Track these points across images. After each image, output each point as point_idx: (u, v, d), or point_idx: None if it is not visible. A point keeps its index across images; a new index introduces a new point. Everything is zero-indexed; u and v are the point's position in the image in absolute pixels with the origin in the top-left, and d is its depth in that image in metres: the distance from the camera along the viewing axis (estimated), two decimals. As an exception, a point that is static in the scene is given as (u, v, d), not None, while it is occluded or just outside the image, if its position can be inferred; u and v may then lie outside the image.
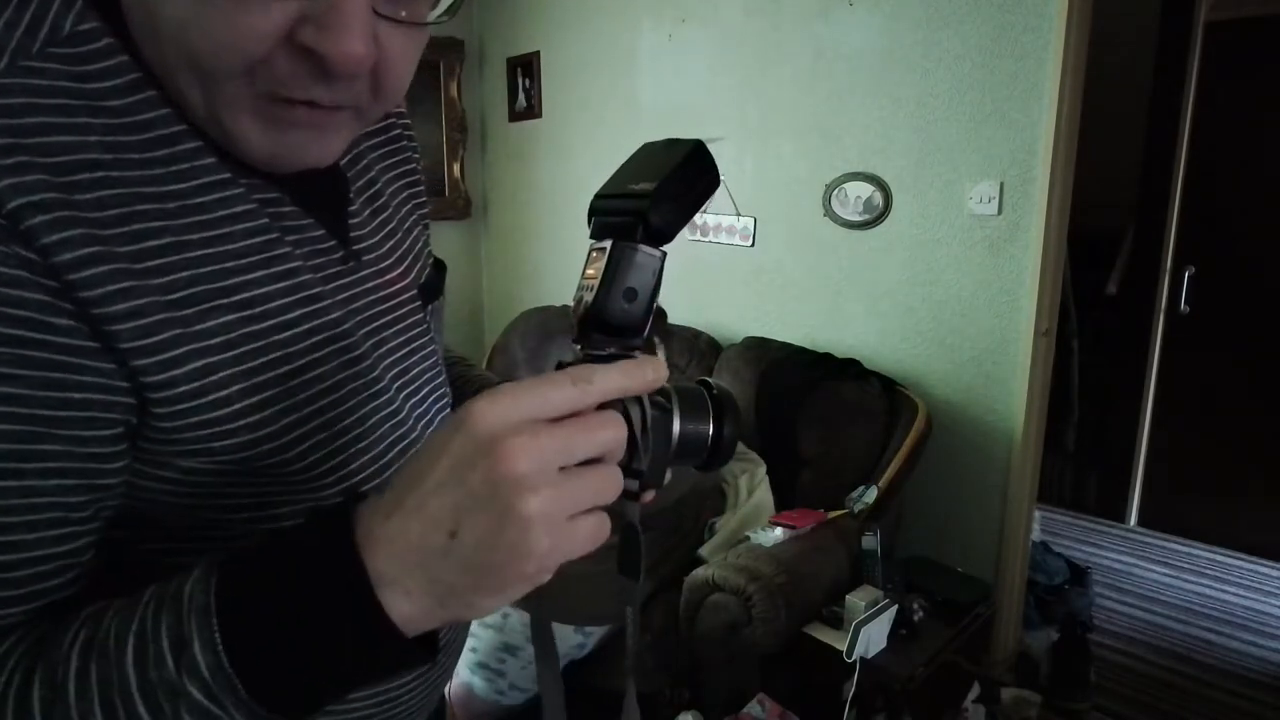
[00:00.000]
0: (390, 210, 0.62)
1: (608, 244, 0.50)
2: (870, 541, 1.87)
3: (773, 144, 2.53)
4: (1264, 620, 2.67)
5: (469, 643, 1.80)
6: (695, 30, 2.67)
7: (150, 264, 0.43)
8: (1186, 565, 3.05)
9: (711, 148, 0.56)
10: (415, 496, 0.36)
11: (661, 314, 2.20)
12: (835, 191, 2.40)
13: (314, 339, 0.50)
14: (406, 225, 0.63)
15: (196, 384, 0.44)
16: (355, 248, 0.55)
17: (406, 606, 0.36)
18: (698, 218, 2.74)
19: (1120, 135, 3.13)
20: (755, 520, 2.01)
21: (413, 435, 0.58)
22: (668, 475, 0.50)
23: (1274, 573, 2.97)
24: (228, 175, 0.47)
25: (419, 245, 0.65)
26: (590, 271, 0.51)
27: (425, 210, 0.69)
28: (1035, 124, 2.02)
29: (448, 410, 0.63)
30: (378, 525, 0.36)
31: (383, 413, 0.55)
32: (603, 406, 0.40)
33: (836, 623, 1.77)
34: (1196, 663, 2.44)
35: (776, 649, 1.70)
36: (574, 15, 3.02)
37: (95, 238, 0.40)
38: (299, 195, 0.51)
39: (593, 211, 0.52)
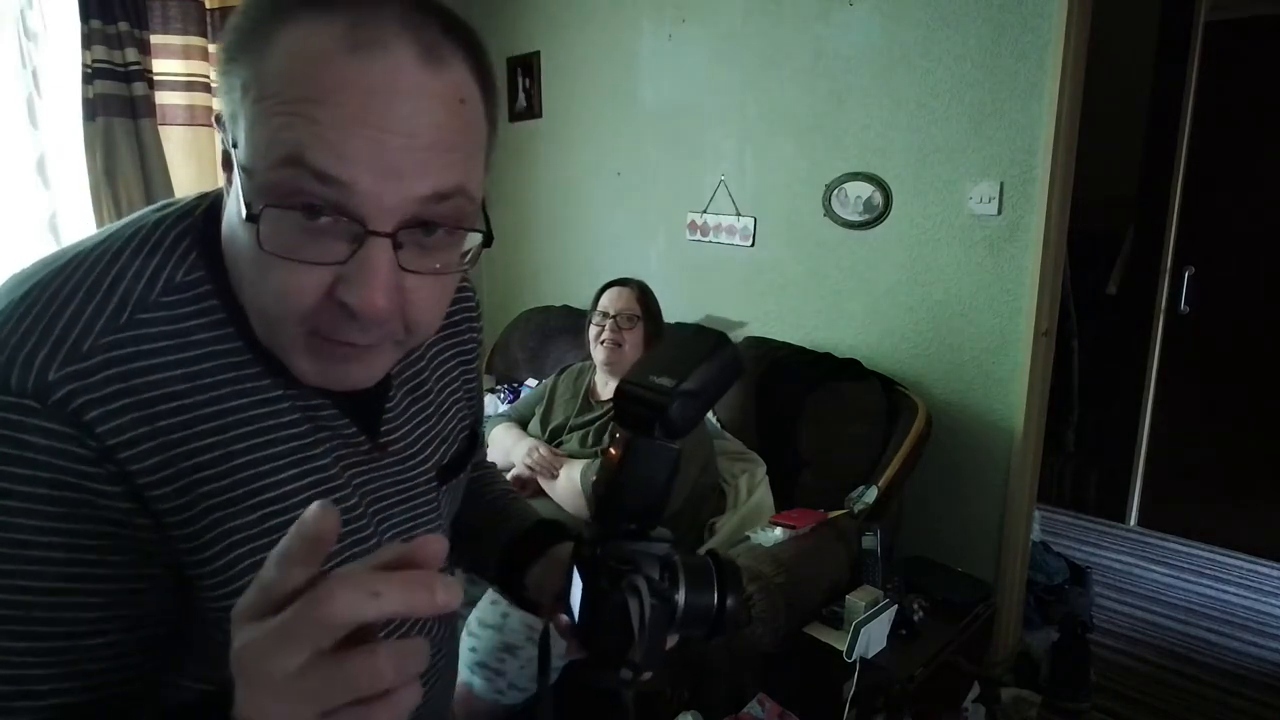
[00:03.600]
0: (431, 396, 0.71)
1: (627, 432, 0.54)
2: (870, 541, 1.87)
3: (773, 144, 2.53)
4: (1264, 620, 2.67)
5: (469, 642, 1.80)
6: (695, 30, 2.67)
7: (202, 474, 0.54)
8: (1186, 565, 3.05)
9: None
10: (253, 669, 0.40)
11: (661, 337, 2.20)
12: (835, 191, 2.40)
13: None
14: (445, 406, 0.73)
15: (229, 573, 0.55)
16: (383, 440, 0.65)
17: None
18: (698, 218, 2.74)
19: (1120, 135, 3.13)
20: (755, 520, 2.01)
21: None
22: (670, 642, 0.54)
23: (1274, 573, 2.97)
24: (279, 393, 0.58)
25: (454, 424, 0.74)
26: (612, 451, 0.55)
27: (473, 378, 0.79)
28: (1035, 124, 2.02)
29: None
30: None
31: None
32: (611, 594, 0.50)
33: (836, 623, 1.77)
34: (1196, 663, 2.43)
35: (776, 649, 1.70)
36: (574, 15, 3.01)
37: (167, 462, 0.53)
38: (339, 398, 0.61)
39: (618, 396, 0.56)
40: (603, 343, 2.11)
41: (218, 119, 0.53)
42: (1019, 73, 2.03)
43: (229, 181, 0.53)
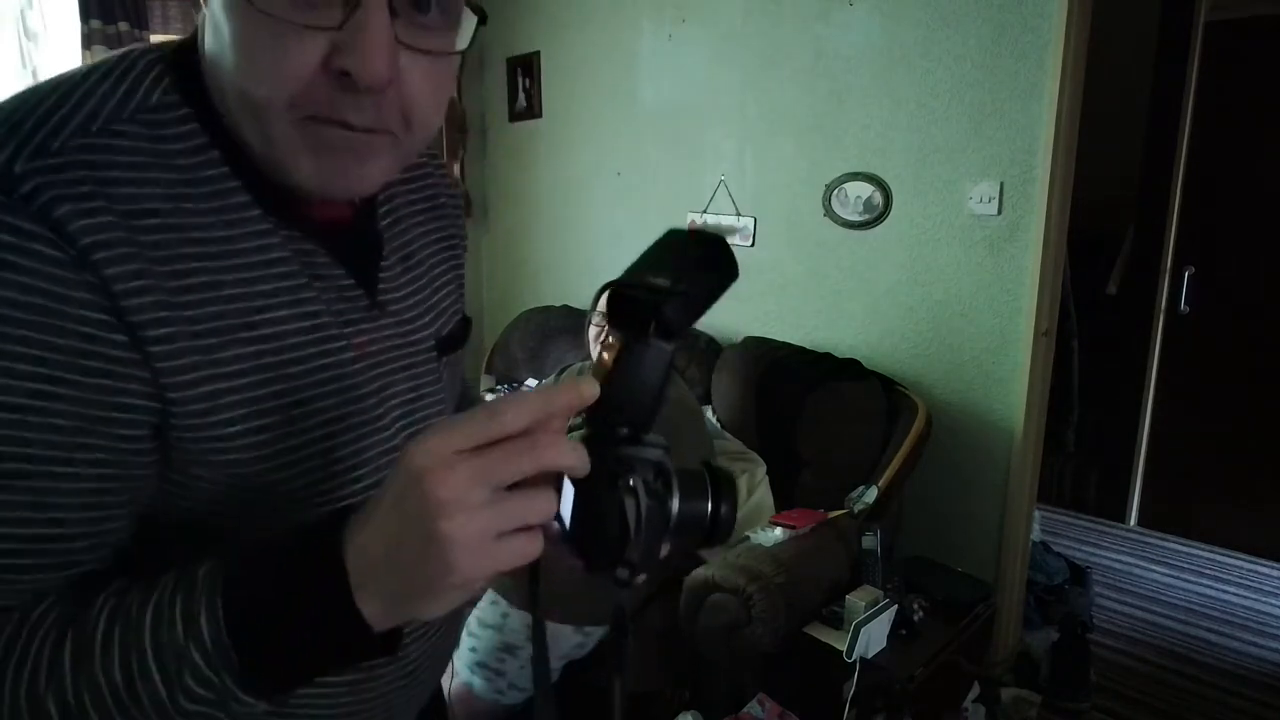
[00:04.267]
0: (423, 269, 0.69)
1: (621, 334, 0.53)
2: (870, 541, 1.87)
3: (773, 144, 2.53)
4: (1264, 620, 2.67)
5: (469, 642, 1.80)
6: (695, 30, 2.67)
7: (185, 298, 0.51)
8: (1186, 565, 3.05)
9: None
10: (374, 519, 0.43)
11: (690, 311, 2.19)
12: (835, 191, 2.40)
13: (322, 375, 0.57)
14: (437, 283, 0.71)
15: (206, 404, 0.51)
16: (381, 298, 0.63)
17: (370, 606, 0.43)
18: (698, 218, 2.74)
19: (1120, 135, 3.13)
20: (755, 520, 2.01)
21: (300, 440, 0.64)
22: (663, 550, 0.53)
23: (1274, 573, 2.97)
24: (269, 225, 0.55)
25: (446, 301, 0.72)
26: (605, 357, 0.54)
27: (460, 269, 0.77)
28: (1035, 124, 2.02)
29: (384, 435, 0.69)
30: (351, 537, 0.44)
31: (381, 447, 0.62)
32: (606, 494, 0.48)
33: (836, 623, 1.77)
34: (1196, 663, 2.44)
35: (776, 649, 1.70)
36: (574, 15, 3.01)
37: (147, 272, 0.49)
38: (334, 248, 0.59)
39: (611, 297, 0.54)
40: (602, 343, 2.11)
41: None
42: (1019, 73, 2.03)
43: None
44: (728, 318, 2.70)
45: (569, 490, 0.49)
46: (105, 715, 0.45)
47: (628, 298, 0.53)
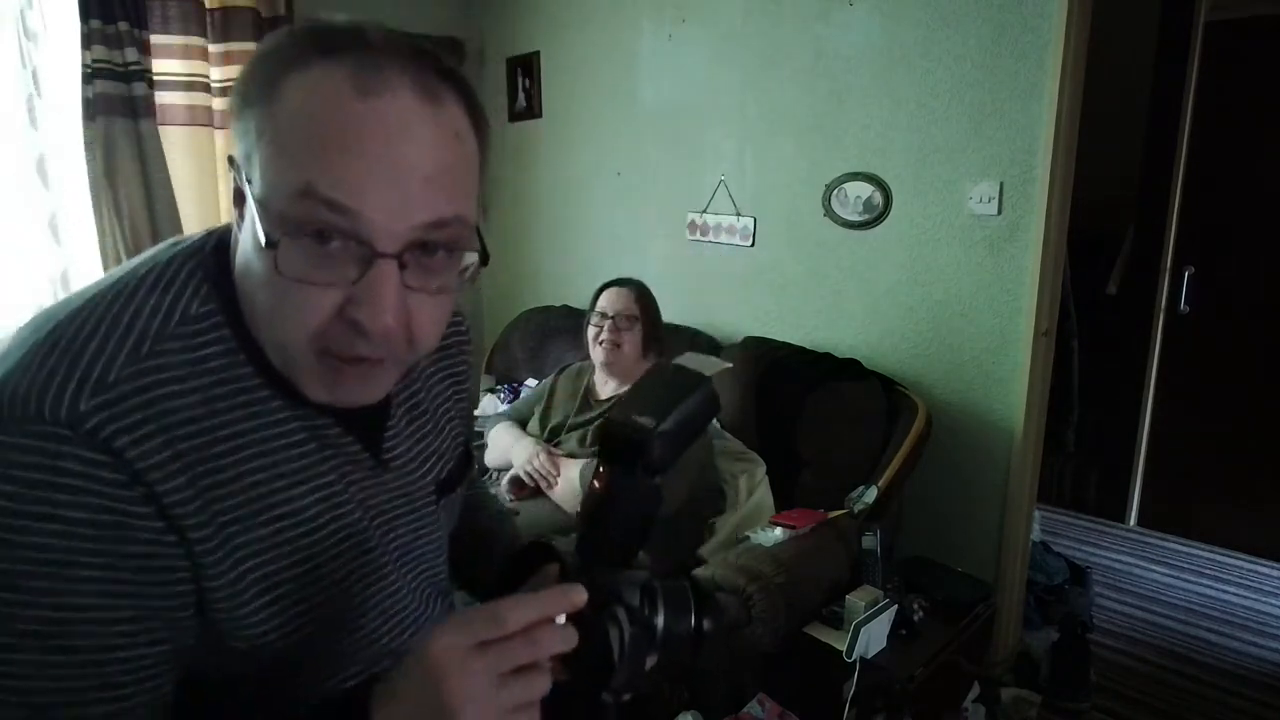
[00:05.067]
0: (428, 415, 0.76)
1: (609, 469, 0.59)
2: (870, 541, 1.87)
3: (773, 144, 2.53)
4: (1264, 620, 2.67)
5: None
6: (695, 30, 2.67)
7: (216, 493, 0.58)
8: (1186, 565, 3.05)
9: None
10: (397, 700, 0.52)
11: (661, 334, 2.20)
12: (835, 191, 2.40)
13: (332, 540, 0.65)
14: (441, 425, 0.78)
15: (229, 590, 0.59)
16: (385, 456, 0.70)
17: None
18: (698, 218, 2.74)
19: (1120, 135, 3.13)
20: (755, 520, 2.01)
21: (409, 608, 0.73)
22: (649, 664, 0.58)
23: (1274, 573, 2.97)
24: (287, 414, 0.62)
25: (448, 443, 0.79)
26: (596, 484, 0.60)
27: (465, 400, 0.84)
28: (1035, 124, 2.02)
29: (441, 583, 0.79)
30: (377, 710, 0.53)
31: (383, 592, 0.69)
32: (593, 624, 0.54)
33: (836, 623, 1.77)
34: (1196, 663, 2.43)
35: (776, 649, 1.70)
36: (574, 15, 3.01)
37: (189, 484, 0.56)
38: (343, 417, 0.65)
39: (601, 433, 0.60)
40: (601, 343, 2.11)
41: (231, 160, 0.58)
42: (1019, 73, 2.03)
43: (241, 217, 0.58)
44: (728, 318, 2.70)
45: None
46: None
47: (616, 435, 0.58)
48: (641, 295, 2.15)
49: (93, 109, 2.29)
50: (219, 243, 0.63)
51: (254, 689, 0.65)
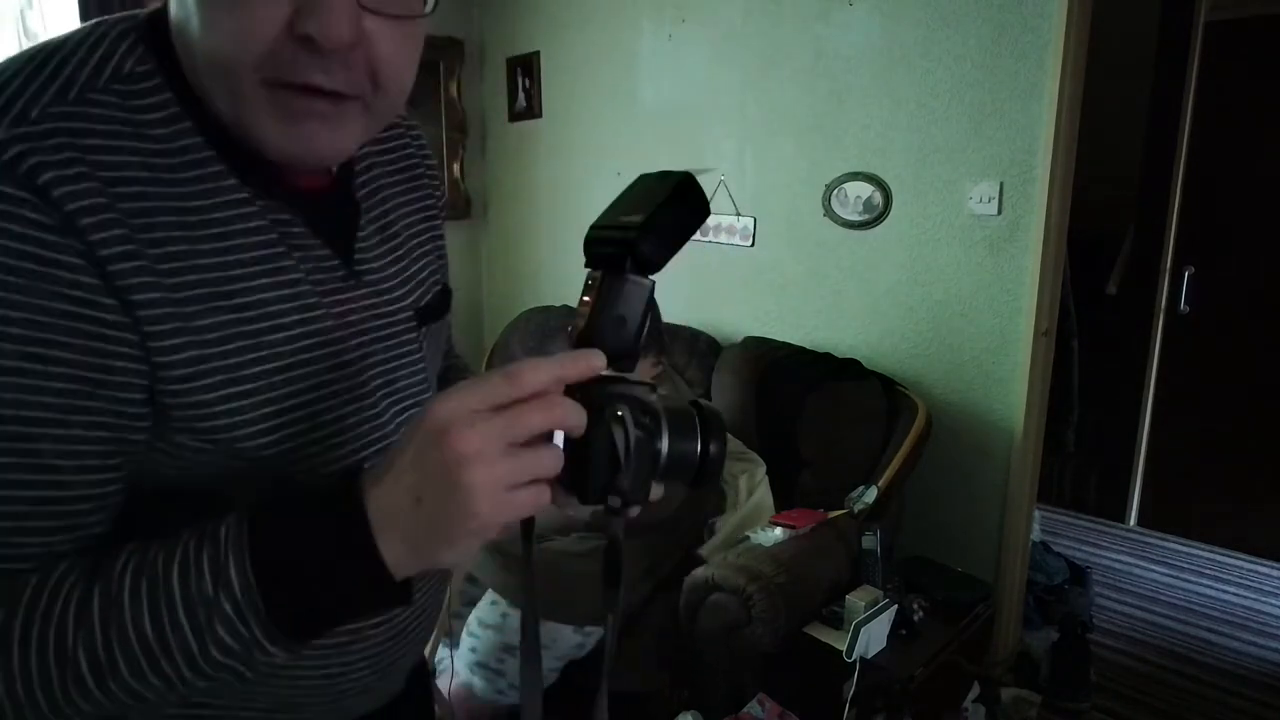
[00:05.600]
0: (401, 238, 0.69)
1: (597, 275, 0.56)
2: (870, 541, 1.87)
3: (773, 144, 2.53)
4: (1264, 620, 2.67)
5: (468, 642, 1.80)
6: (695, 30, 2.67)
7: (165, 266, 0.51)
8: (1186, 565, 3.05)
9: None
10: (393, 472, 0.46)
11: (662, 332, 2.20)
12: (835, 191, 2.40)
13: (304, 343, 0.57)
14: (415, 253, 0.71)
15: (188, 369, 0.52)
16: (358, 269, 0.63)
17: (392, 553, 0.46)
18: (698, 218, 2.74)
19: (1120, 136, 3.13)
20: (755, 520, 2.01)
21: (391, 438, 0.65)
22: (656, 491, 0.53)
23: (1274, 573, 2.97)
24: (246, 195, 0.55)
25: (425, 272, 0.72)
26: (586, 299, 0.57)
27: (440, 238, 0.77)
28: (1035, 124, 2.02)
29: (367, 409, 0.70)
30: (370, 489, 0.46)
31: (362, 415, 0.62)
32: (595, 425, 0.48)
33: (836, 623, 1.77)
34: (1196, 663, 2.43)
35: (776, 649, 1.70)
36: (574, 15, 3.01)
37: (130, 239, 0.49)
38: (311, 219, 0.59)
39: (587, 242, 0.57)
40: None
41: None
42: (1019, 73, 2.03)
43: None
44: (728, 317, 2.70)
45: (559, 433, 0.49)
46: (135, 667, 0.47)
47: (603, 239, 0.56)
48: None
49: (93, 109, 2.29)
50: (152, 15, 0.56)
51: (220, 503, 0.55)
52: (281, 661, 0.49)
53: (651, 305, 0.56)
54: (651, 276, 0.55)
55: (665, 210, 0.55)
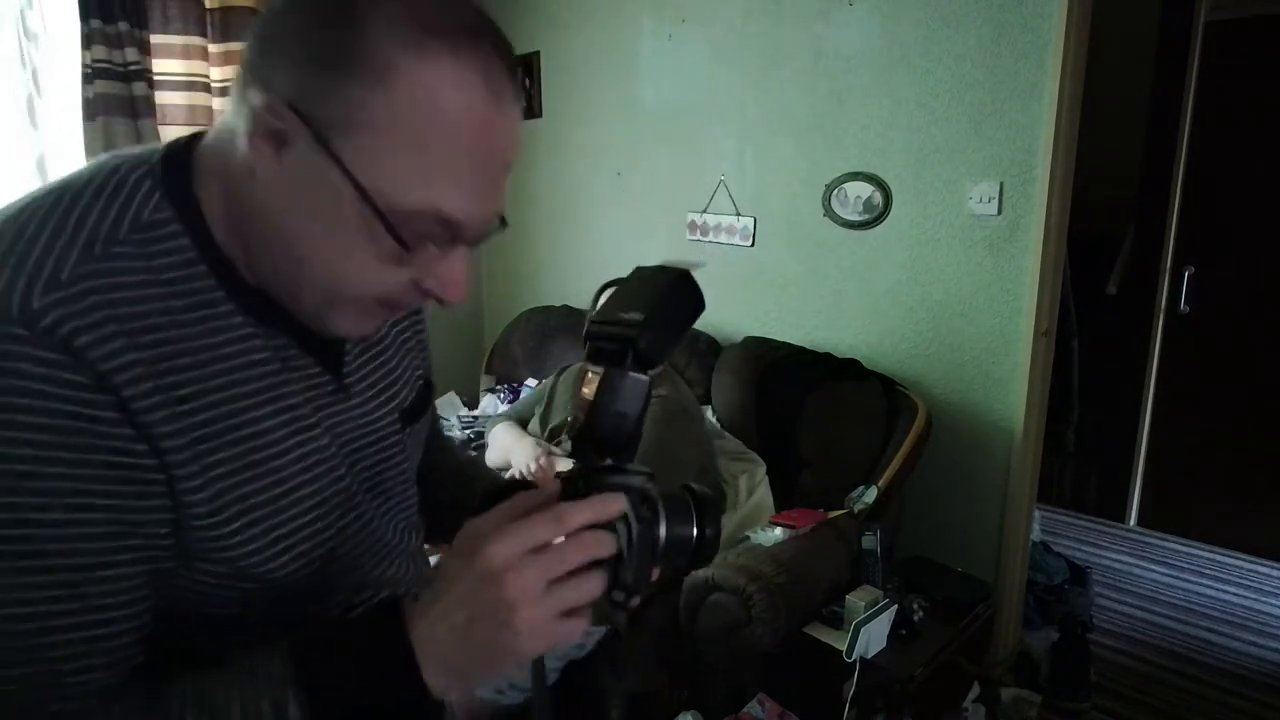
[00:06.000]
0: (385, 342, 0.74)
1: (600, 370, 0.59)
2: (870, 541, 1.87)
3: (773, 144, 2.53)
4: (1264, 620, 2.67)
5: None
6: (695, 30, 2.67)
7: (184, 407, 0.55)
8: (1186, 565, 3.05)
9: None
10: (441, 607, 0.51)
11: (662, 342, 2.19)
12: (835, 191, 2.40)
13: (304, 464, 0.62)
14: (400, 351, 0.76)
15: (209, 505, 0.56)
16: (346, 381, 0.67)
17: (435, 682, 0.51)
18: (698, 218, 2.74)
19: (1120, 136, 3.13)
20: (755, 520, 2.01)
21: (384, 539, 0.71)
22: (654, 575, 0.56)
23: (1274, 573, 2.97)
24: (250, 330, 0.59)
25: (409, 371, 0.77)
26: (585, 392, 0.62)
27: (423, 332, 0.82)
28: (1035, 124, 2.02)
29: (412, 516, 0.77)
30: (415, 623, 0.52)
31: (359, 524, 0.68)
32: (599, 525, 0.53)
33: (836, 623, 1.77)
34: (1196, 663, 2.43)
35: (776, 649, 1.70)
36: (574, 15, 3.01)
37: (155, 387, 0.53)
38: (303, 341, 0.63)
39: (588, 336, 0.60)
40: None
41: (264, 91, 0.52)
42: (1019, 73, 2.03)
43: (274, 148, 0.54)
44: (728, 318, 2.70)
45: None
46: None
47: (605, 335, 0.58)
48: None
49: (93, 109, 2.29)
50: (170, 153, 0.59)
51: (235, 624, 0.62)
52: None
53: (650, 398, 0.59)
54: (649, 373, 0.58)
55: (665, 309, 0.59)
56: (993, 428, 2.19)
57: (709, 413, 2.34)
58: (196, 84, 2.51)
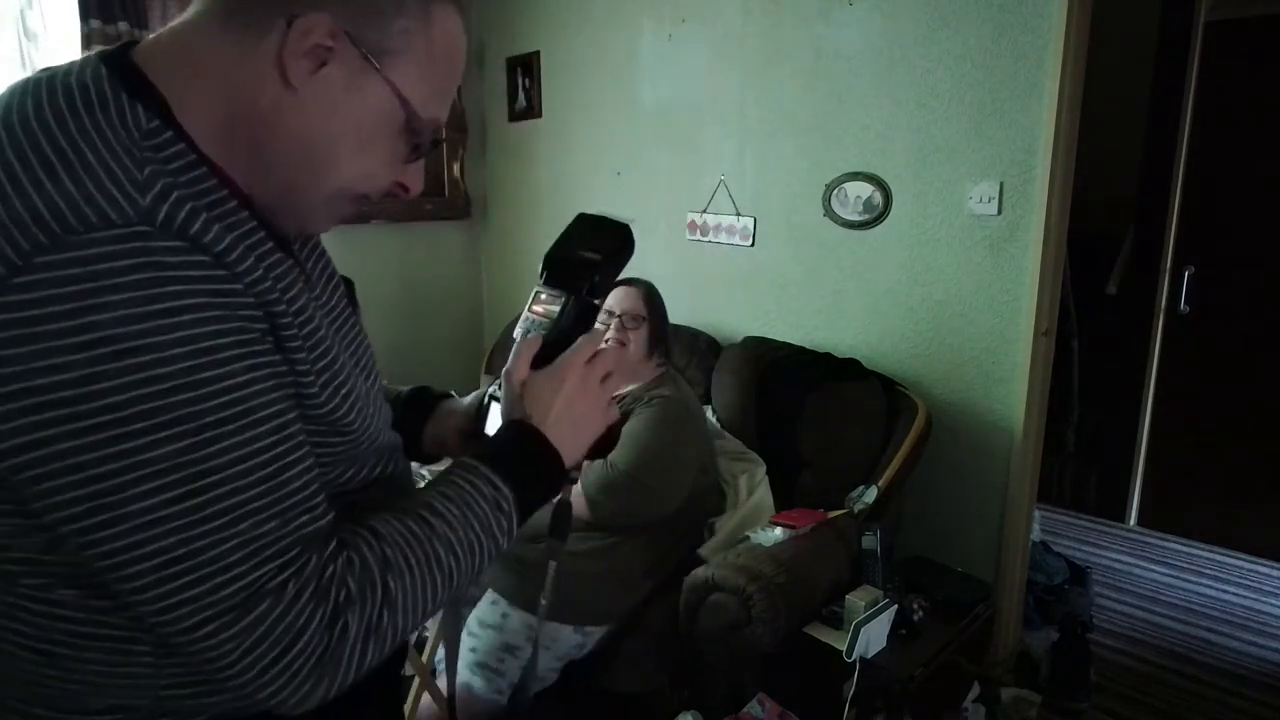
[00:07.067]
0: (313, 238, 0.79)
1: (560, 294, 0.79)
2: (870, 541, 1.87)
3: (773, 144, 2.53)
4: (1264, 620, 2.67)
5: (469, 642, 1.80)
6: (695, 30, 2.67)
7: (265, 283, 0.59)
8: (1186, 565, 3.05)
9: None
10: (556, 411, 0.76)
11: (667, 335, 2.19)
12: (835, 191, 2.40)
13: (331, 339, 0.68)
14: (317, 250, 0.81)
15: (307, 365, 0.63)
16: (308, 273, 0.73)
17: (567, 457, 0.76)
18: (698, 218, 2.75)
19: (1120, 135, 3.13)
20: (755, 520, 2.01)
21: (383, 410, 0.80)
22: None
23: (1274, 573, 2.97)
24: (255, 225, 0.63)
25: (331, 268, 0.83)
26: (539, 310, 0.80)
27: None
28: (1035, 124, 2.02)
29: (378, 381, 0.83)
30: (548, 429, 0.75)
31: (375, 390, 0.78)
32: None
33: (836, 623, 1.77)
34: (1196, 663, 2.44)
35: (776, 649, 1.70)
36: (574, 15, 3.01)
37: (251, 264, 0.59)
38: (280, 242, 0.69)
39: (548, 263, 0.81)
40: (606, 341, 2.10)
41: (315, 15, 0.59)
42: (1019, 73, 2.03)
43: (312, 73, 0.60)
44: (728, 318, 2.70)
45: (496, 414, 0.86)
46: (471, 562, 0.67)
47: (569, 265, 0.80)
48: (650, 295, 2.13)
49: (93, 109, 2.29)
50: (112, 66, 0.59)
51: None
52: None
53: (593, 319, 0.81)
54: (598, 300, 0.81)
55: (613, 252, 0.81)
56: (993, 428, 2.19)
57: (709, 413, 2.34)
58: (196, 84, 2.51)
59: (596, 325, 0.82)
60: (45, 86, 0.56)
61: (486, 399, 0.89)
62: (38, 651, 0.60)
